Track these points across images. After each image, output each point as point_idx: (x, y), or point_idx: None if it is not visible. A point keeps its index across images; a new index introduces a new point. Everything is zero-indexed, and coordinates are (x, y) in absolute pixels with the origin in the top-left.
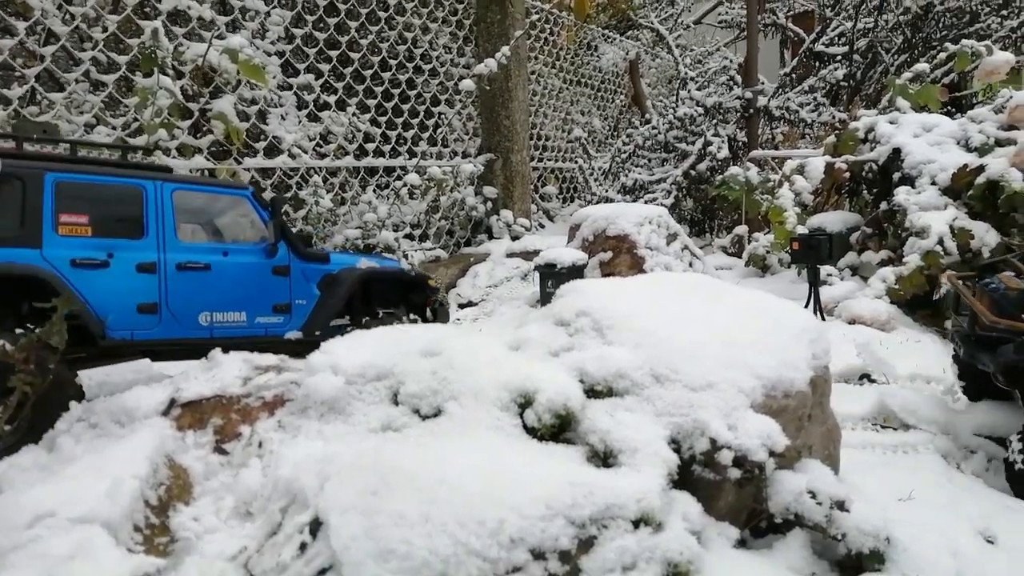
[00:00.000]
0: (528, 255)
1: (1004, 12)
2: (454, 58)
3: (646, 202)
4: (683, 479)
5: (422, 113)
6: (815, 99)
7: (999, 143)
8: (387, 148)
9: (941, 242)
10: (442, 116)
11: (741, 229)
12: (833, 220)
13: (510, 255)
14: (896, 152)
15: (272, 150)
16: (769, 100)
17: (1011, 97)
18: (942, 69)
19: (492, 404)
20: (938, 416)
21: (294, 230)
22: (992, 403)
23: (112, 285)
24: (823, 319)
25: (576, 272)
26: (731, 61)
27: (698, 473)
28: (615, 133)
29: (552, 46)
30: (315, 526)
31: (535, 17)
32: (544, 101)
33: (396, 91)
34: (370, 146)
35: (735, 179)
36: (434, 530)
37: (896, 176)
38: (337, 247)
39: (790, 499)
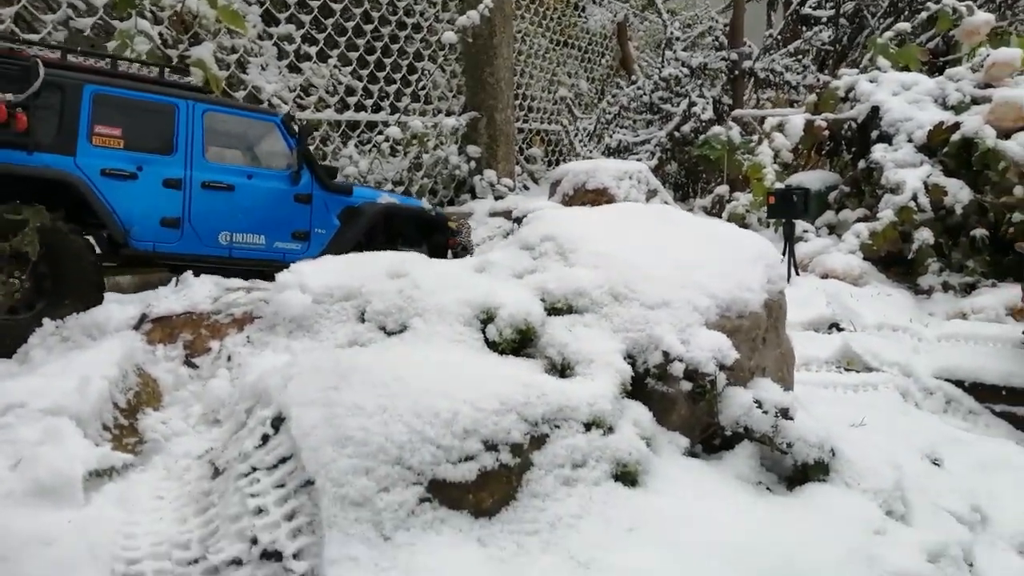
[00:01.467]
0: (511, 214)
1: None
2: (439, 12)
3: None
4: (638, 391)
5: (405, 68)
6: (799, 62)
7: (975, 101)
8: (369, 102)
9: (915, 198)
10: (426, 71)
11: (722, 189)
12: (812, 179)
13: (493, 214)
14: (875, 110)
15: (252, 100)
16: (754, 62)
17: (988, 55)
18: (928, 33)
19: (455, 320)
20: (900, 359)
21: None
22: (953, 349)
23: (138, 197)
24: (797, 273)
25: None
26: (716, 22)
27: (652, 386)
28: (602, 95)
29: (539, 5)
30: (277, 420)
31: None
32: (530, 61)
33: (379, 44)
34: (352, 100)
35: (717, 139)
36: (390, 419)
37: (874, 134)
38: None
39: (740, 413)
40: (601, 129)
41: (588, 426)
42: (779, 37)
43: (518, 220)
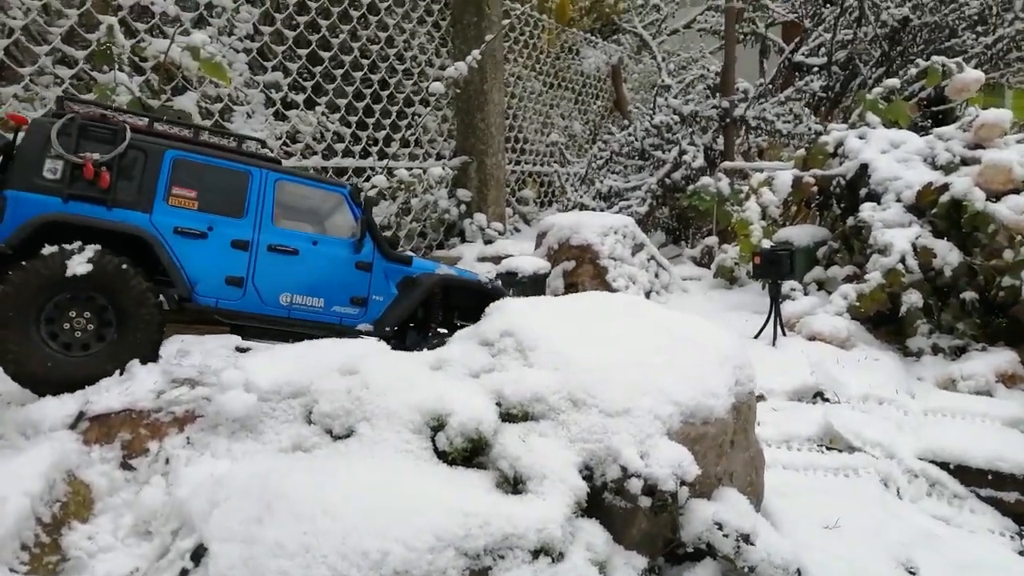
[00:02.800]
0: (499, 260)
1: (979, 29)
2: (430, 59)
3: (620, 209)
4: (595, 506)
5: (395, 114)
6: (791, 110)
7: (964, 162)
8: (357, 148)
9: (903, 260)
10: (416, 117)
11: (711, 240)
12: (801, 234)
13: (481, 259)
14: (863, 167)
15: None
16: (745, 110)
17: (978, 115)
18: (919, 84)
19: (404, 426)
20: (883, 439)
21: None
22: (938, 427)
23: (206, 255)
24: (784, 334)
25: (538, 281)
26: (708, 70)
27: (609, 501)
28: (596, 138)
29: (532, 49)
30: (198, 552)
31: (514, 19)
32: (524, 104)
33: (368, 91)
34: (340, 146)
35: (706, 189)
36: (313, 561)
37: (863, 192)
38: None
39: (702, 529)
40: (592, 174)
41: (536, 554)
42: (771, 85)
43: (500, 277)
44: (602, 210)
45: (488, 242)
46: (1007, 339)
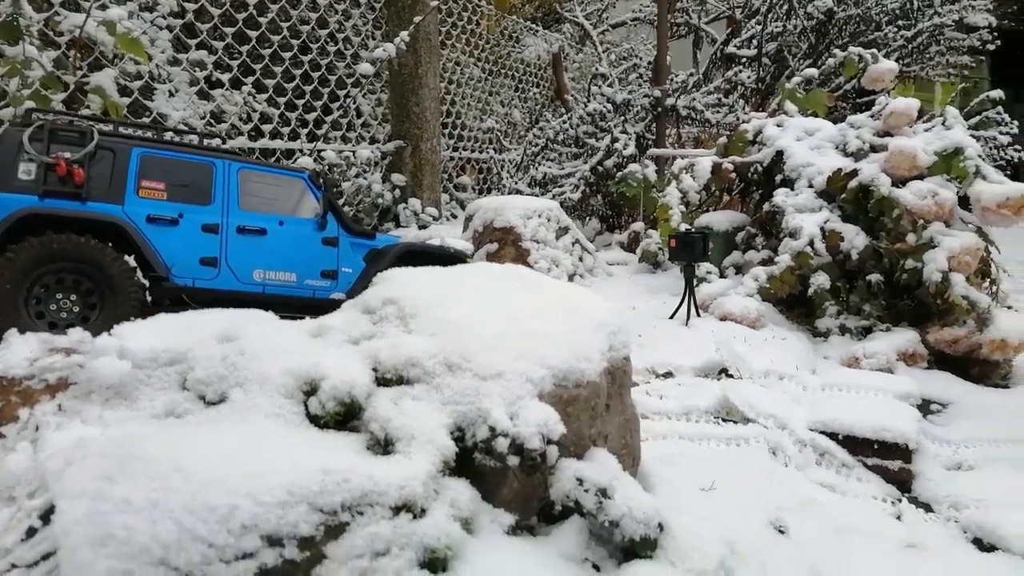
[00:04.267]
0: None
1: (900, 23)
2: (365, 41)
3: (554, 196)
4: (466, 466)
5: (326, 96)
6: (720, 100)
7: (874, 148)
8: (286, 130)
9: (811, 243)
10: (348, 99)
11: (637, 225)
12: (721, 219)
13: None
14: (779, 154)
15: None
16: (676, 99)
17: (887, 104)
18: (845, 76)
19: (276, 391)
20: (777, 410)
21: None
22: (832, 401)
23: (179, 239)
24: (699, 315)
25: (460, 262)
26: (640, 59)
27: (480, 460)
28: (536, 125)
29: (471, 35)
30: (48, 511)
31: (451, 3)
32: (463, 91)
33: (298, 72)
34: (268, 127)
35: (633, 176)
36: (160, 516)
37: (778, 178)
38: None
39: (569, 487)
40: (528, 161)
41: (397, 510)
42: (701, 76)
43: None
44: (537, 196)
45: (423, 227)
46: (911, 319)
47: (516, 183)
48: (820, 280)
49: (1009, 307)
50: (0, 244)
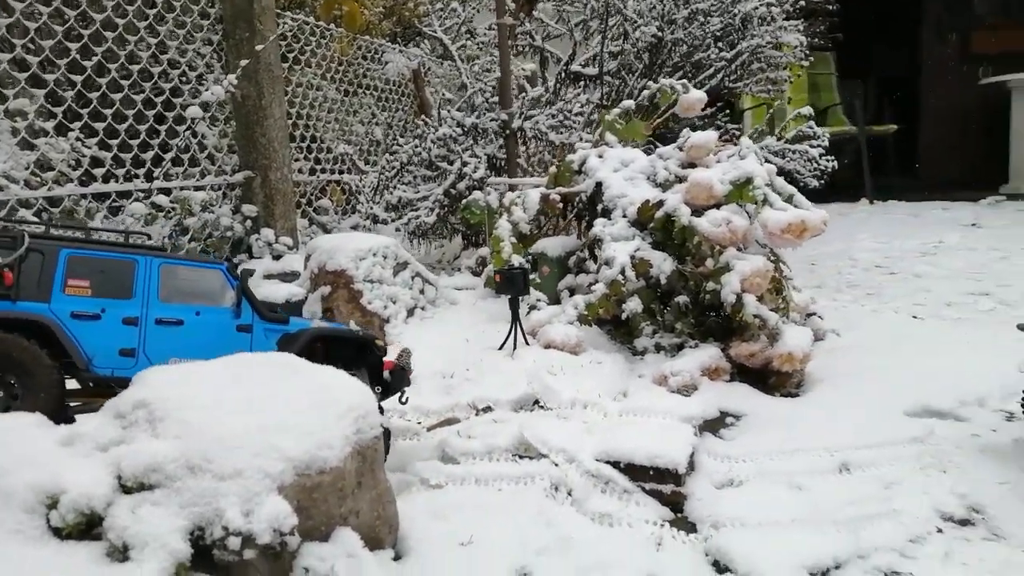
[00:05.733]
0: (286, 276)
1: (719, 45)
2: (203, 74)
3: (410, 220)
4: (208, 563)
5: (164, 132)
6: (565, 118)
7: (679, 179)
8: (121, 172)
9: (623, 272)
10: (186, 135)
11: (484, 250)
12: (555, 244)
13: (268, 276)
14: (599, 185)
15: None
16: (522, 121)
17: (689, 137)
18: (661, 104)
19: (19, 507)
20: (568, 444)
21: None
22: (619, 429)
23: (100, 333)
24: (527, 343)
25: (294, 308)
26: (486, 84)
27: (219, 556)
28: (396, 144)
29: (323, 58)
30: None
31: (296, 30)
32: (319, 113)
33: (131, 111)
34: (100, 171)
35: (476, 203)
36: None
37: (600, 207)
38: None
39: (316, 567)
40: (384, 184)
41: None
42: (551, 94)
43: None
44: (394, 220)
45: (277, 257)
46: (718, 336)
47: (372, 208)
48: (632, 305)
49: (812, 314)
50: None
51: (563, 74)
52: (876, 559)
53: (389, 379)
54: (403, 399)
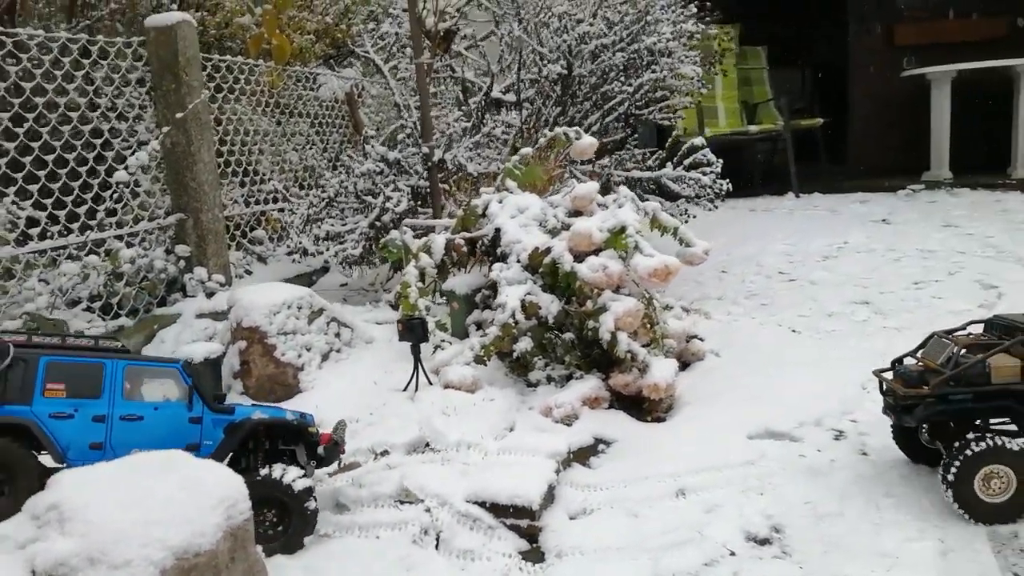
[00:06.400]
0: (218, 315)
1: (621, 78)
2: (132, 126)
3: (336, 253)
4: None
5: (97, 185)
6: (486, 146)
7: (565, 227)
8: (56, 228)
9: (514, 315)
10: (120, 187)
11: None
12: (463, 283)
13: (199, 316)
14: (498, 231)
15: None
16: (443, 153)
17: (573, 187)
18: (558, 149)
19: None
20: (441, 488)
21: None
22: (489, 470)
23: (74, 430)
24: (430, 383)
25: (213, 365)
26: (407, 120)
27: None
28: (335, 167)
29: (252, 92)
30: None
31: (222, 69)
32: (252, 144)
33: (64, 170)
34: (35, 231)
35: (393, 242)
36: None
37: (500, 251)
38: None
39: None
40: (314, 216)
41: None
42: (470, 124)
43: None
44: (322, 253)
45: (210, 294)
46: (601, 367)
47: (300, 241)
48: (523, 345)
49: (693, 337)
50: None
51: (484, 102)
52: None
53: (323, 453)
54: (339, 466)
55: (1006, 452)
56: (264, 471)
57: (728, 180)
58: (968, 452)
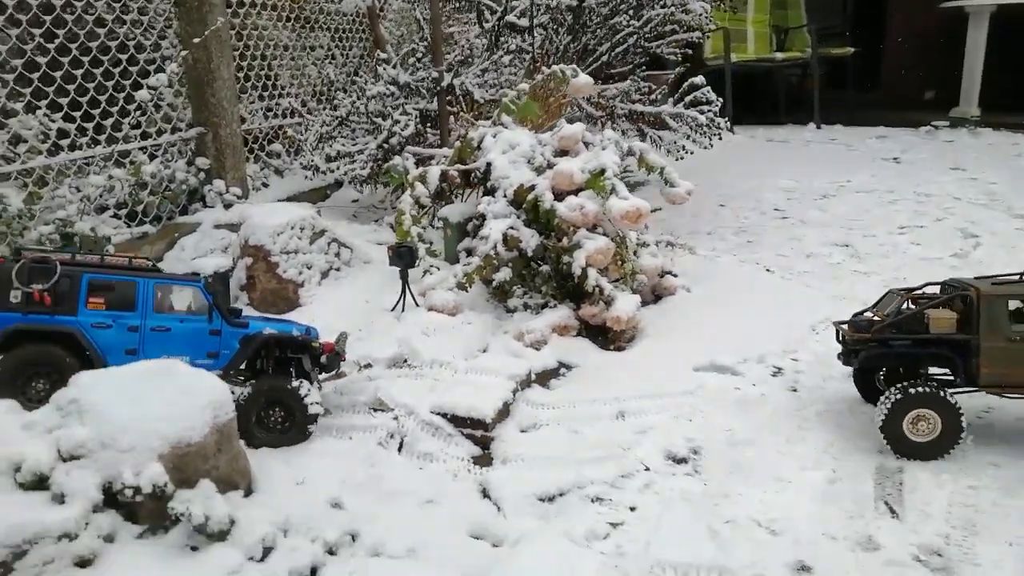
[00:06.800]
0: (234, 227)
1: (629, 13)
2: (156, 41)
3: (346, 172)
4: (118, 503)
5: (122, 99)
6: (486, 80)
7: (551, 165)
8: (84, 140)
9: (495, 247)
10: (144, 101)
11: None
12: (456, 211)
13: (217, 226)
14: (489, 165)
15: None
16: (452, 79)
17: (561, 128)
18: (556, 87)
19: None
20: (410, 399)
21: None
22: (454, 387)
23: (113, 338)
24: (417, 305)
25: (222, 279)
26: (418, 44)
27: (123, 499)
28: (354, 82)
29: (274, 7)
30: None
31: None
32: (273, 58)
33: (91, 84)
34: (66, 141)
35: (395, 168)
36: None
37: (489, 185)
38: (34, 242)
39: (179, 506)
40: (326, 136)
41: (60, 538)
42: (484, 47)
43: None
44: (333, 172)
45: (228, 206)
46: (573, 298)
47: (313, 159)
48: (501, 276)
49: (667, 272)
50: (2, 348)
51: (498, 25)
52: (590, 489)
53: (326, 362)
54: (338, 374)
55: (937, 399)
56: (272, 379)
57: (727, 119)
58: (904, 395)
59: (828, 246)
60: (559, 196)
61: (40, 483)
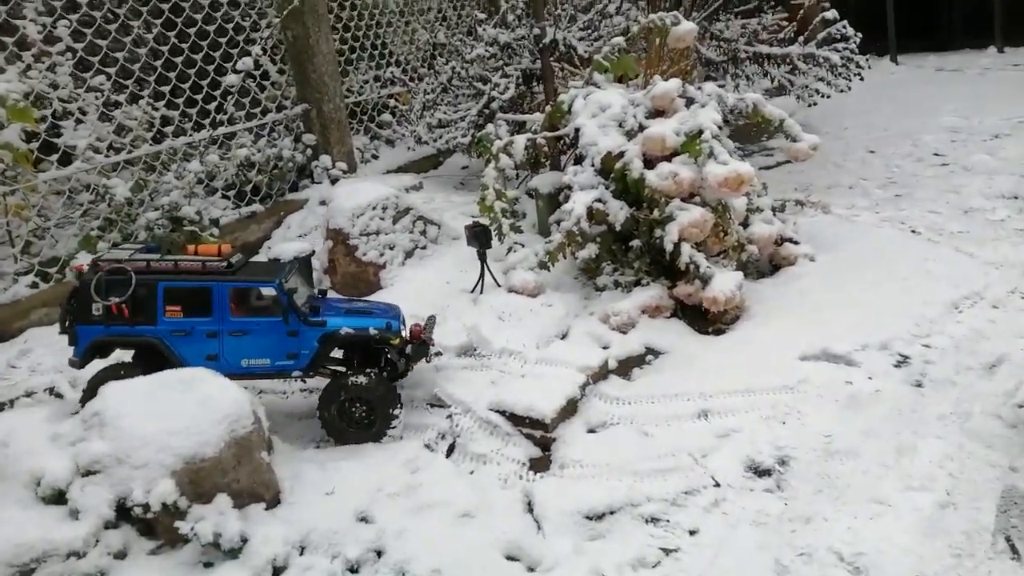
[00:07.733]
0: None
1: None
2: (256, 23)
3: (447, 141)
4: (131, 518)
5: (223, 85)
6: (589, 33)
7: (642, 128)
8: (188, 125)
9: (579, 222)
10: (248, 83)
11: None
12: (546, 181)
13: (321, 203)
14: (577, 131)
15: (66, 160)
16: (554, 34)
17: (654, 85)
18: (657, 38)
19: (21, 484)
20: (467, 396)
21: None
22: (514, 383)
23: (192, 345)
24: (498, 284)
25: (304, 262)
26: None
27: (136, 514)
28: (464, 43)
29: None
30: None
31: None
32: (380, 24)
33: (192, 71)
34: (170, 128)
35: (488, 137)
36: None
37: (577, 152)
38: (142, 228)
39: (202, 528)
40: (430, 104)
41: (68, 556)
42: (574, 6)
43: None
44: (434, 141)
45: (334, 181)
46: (668, 275)
47: (416, 128)
48: (586, 253)
49: (787, 240)
50: (87, 362)
51: None
52: (646, 508)
53: (411, 352)
54: (428, 360)
55: None
56: (352, 378)
57: (870, 56)
58: None
59: (992, 199)
60: (650, 163)
61: (59, 497)
